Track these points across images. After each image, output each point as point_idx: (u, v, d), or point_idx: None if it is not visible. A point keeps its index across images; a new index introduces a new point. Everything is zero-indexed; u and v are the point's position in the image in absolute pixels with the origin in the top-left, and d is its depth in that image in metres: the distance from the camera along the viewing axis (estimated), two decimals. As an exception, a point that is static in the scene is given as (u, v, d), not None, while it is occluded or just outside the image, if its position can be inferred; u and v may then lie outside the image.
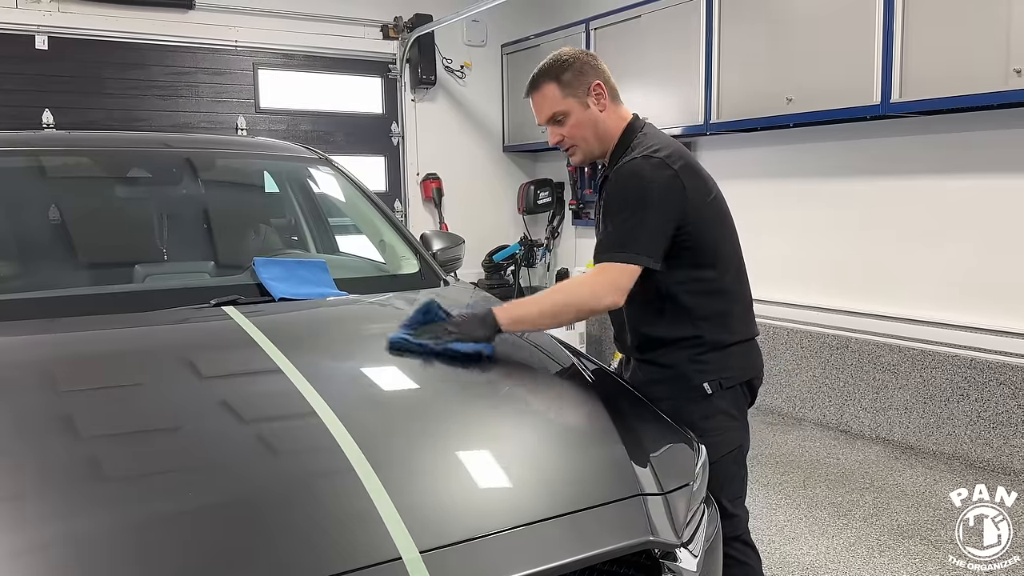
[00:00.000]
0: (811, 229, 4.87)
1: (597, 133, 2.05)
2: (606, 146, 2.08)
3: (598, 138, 2.06)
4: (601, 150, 2.09)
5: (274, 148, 3.35)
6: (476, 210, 7.04)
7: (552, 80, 2.02)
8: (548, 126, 2.08)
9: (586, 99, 2.02)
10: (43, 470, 1.38)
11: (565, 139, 2.06)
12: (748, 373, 2.12)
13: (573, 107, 2.02)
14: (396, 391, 1.85)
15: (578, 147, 2.07)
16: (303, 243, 3.11)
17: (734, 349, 2.08)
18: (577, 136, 2.05)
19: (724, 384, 2.04)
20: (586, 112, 2.02)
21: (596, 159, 2.12)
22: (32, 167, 2.72)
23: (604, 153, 2.09)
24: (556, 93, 2.02)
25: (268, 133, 6.16)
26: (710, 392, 2.03)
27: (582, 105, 2.02)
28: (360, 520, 1.29)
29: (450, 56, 6.84)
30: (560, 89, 2.02)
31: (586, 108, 2.02)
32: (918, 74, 3.88)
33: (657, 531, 1.46)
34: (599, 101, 2.03)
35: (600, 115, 2.04)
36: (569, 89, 2.01)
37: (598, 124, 2.04)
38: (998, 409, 3.92)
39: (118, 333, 2.07)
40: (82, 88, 5.58)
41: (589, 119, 2.03)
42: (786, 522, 3.44)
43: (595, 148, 2.08)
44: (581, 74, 2.02)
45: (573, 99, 2.02)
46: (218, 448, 1.50)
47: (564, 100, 2.02)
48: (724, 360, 2.06)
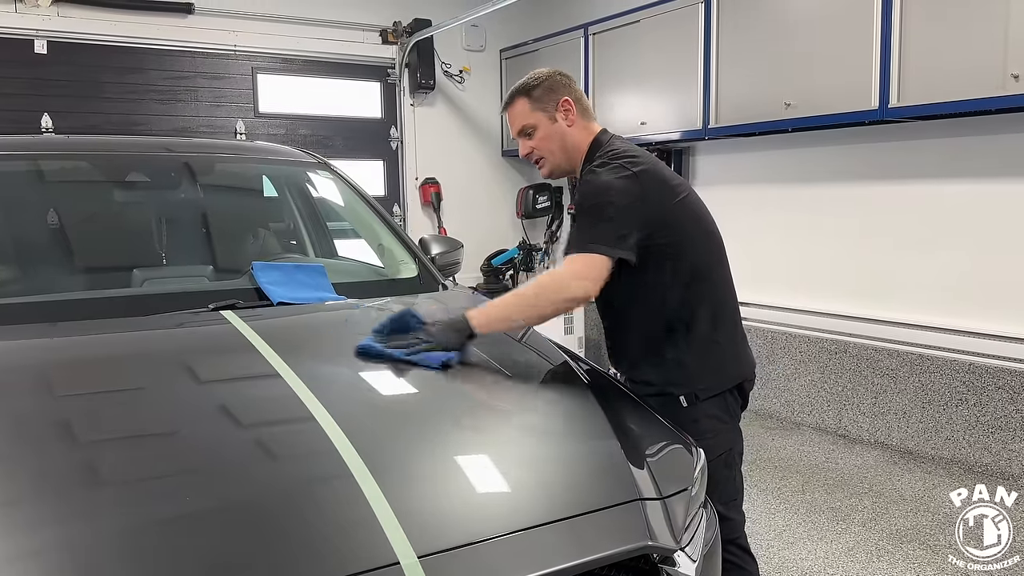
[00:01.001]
0: (809, 233, 4.88)
1: (564, 146, 2.14)
2: (574, 160, 2.16)
3: (564, 151, 2.15)
4: (568, 164, 2.17)
5: (273, 152, 3.35)
6: (475, 214, 7.04)
7: (523, 95, 2.14)
8: (519, 139, 2.20)
9: (554, 113, 2.12)
10: (41, 475, 1.38)
11: (533, 151, 2.17)
12: (730, 381, 2.12)
13: (541, 121, 2.13)
14: (394, 396, 1.85)
15: (546, 159, 2.17)
16: (302, 247, 3.11)
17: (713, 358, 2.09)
18: (544, 148, 2.15)
19: (700, 396, 2.06)
20: (553, 126, 2.13)
21: (565, 173, 2.21)
22: (31, 171, 2.72)
23: (572, 167, 2.17)
24: (526, 107, 2.14)
25: (267, 137, 6.16)
26: (685, 405, 2.05)
27: (550, 119, 2.12)
28: (358, 525, 1.29)
29: (449, 61, 6.85)
30: (530, 103, 2.13)
31: (553, 122, 2.12)
32: (916, 79, 3.88)
33: (656, 536, 1.46)
34: (567, 116, 2.12)
35: (568, 129, 2.13)
36: (538, 104, 2.12)
37: (565, 138, 2.13)
38: (996, 413, 3.92)
39: (116, 337, 2.07)
40: (81, 92, 5.59)
41: (556, 132, 2.13)
42: (785, 527, 3.44)
43: (562, 161, 2.16)
44: (551, 91, 2.12)
45: (542, 113, 2.12)
46: (216, 453, 1.50)
47: (532, 114, 2.13)
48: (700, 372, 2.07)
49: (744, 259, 5.40)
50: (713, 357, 2.09)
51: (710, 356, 2.09)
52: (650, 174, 2.01)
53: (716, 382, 2.09)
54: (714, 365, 2.09)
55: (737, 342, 2.18)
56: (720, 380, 2.10)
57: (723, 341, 2.12)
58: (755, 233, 5.15)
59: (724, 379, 2.11)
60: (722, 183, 5.48)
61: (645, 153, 2.10)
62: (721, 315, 2.12)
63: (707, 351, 2.08)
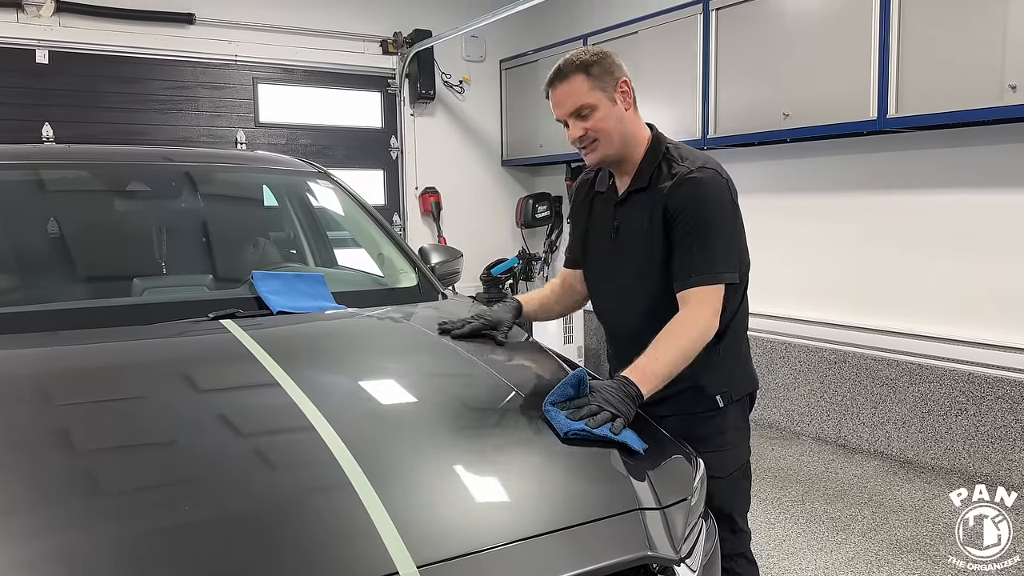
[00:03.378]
0: (808, 244, 4.89)
1: (622, 132, 1.96)
2: (629, 149, 1.99)
3: (622, 137, 1.97)
4: (621, 152, 1.99)
5: (273, 162, 3.36)
6: (475, 224, 7.05)
7: (581, 71, 1.92)
8: (570, 120, 1.96)
9: (613, 95, 1.94)
10: (40, 483, 1.38)
11: (588, 133, 1.94)
12: (752, 384, 2.16)
13: (601, 101, 1.92)
14: (394, 405, 1.85)
15: (600, 143, 1.96)
16: (302, 256, 3.11)
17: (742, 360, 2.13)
18: (601, 131, 1.94)
19: (734, 397, 2.06)
20: (613, 108, 1.94)
21: (614, 161, 2.02)
22: (32, 181, 2.73)
23: (624, 157, 2.00)
24: (584, 85, 1.92)
25: (267, 147, 6.17)
26: (722, 405, 2.03)
27: (610, 100, 1.93)
28: (357, 535, 1.29)
29: (449, 71, 6.88)
30: (589, 81, 1.92)
31: (613, 104, 1.94)
32: (914, 89, 3.90)
33: (655, 546, 1.46)
34: (625, 99, 1.96)
35: (626, 114, 1.96)
36: (598, 82, 1.92)
37: (624, 122, 1.96)
38: (996, 423, 3.92)
39: (116, 346, 2.07)
40: (82, 102, 5.60)
41: (615, 115, 1.94)
42: (784, 537, 3.43)
43: (619, 147, 1.98)
44: (609, 70, 1.93)
45: (601, 93, 1.92)
46: (215, 462, 1.50)
47: (592, 92, 1.92)
48: (734, 372, 2.08)
49: (743, 269, 5.41)
50: (740, 361, 2.12)
51: (739, 357, 2.11)
52: (732, 184, 2.00)
53: (745, 383, 2.11)
54: (743, 367, 2.12)
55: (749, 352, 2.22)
56: (747, 382, 2.12)
57: (746, 345, 2.16)
58: (754, 243, 5.11)
59: (749, 382, 2.13)
60: (721, 193, 5.49)
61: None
62: (745, 320, 2.16)
63: (737, 353, 2.10)
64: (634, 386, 1.75)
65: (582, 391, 1.77)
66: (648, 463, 1.68)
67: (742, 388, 2.09)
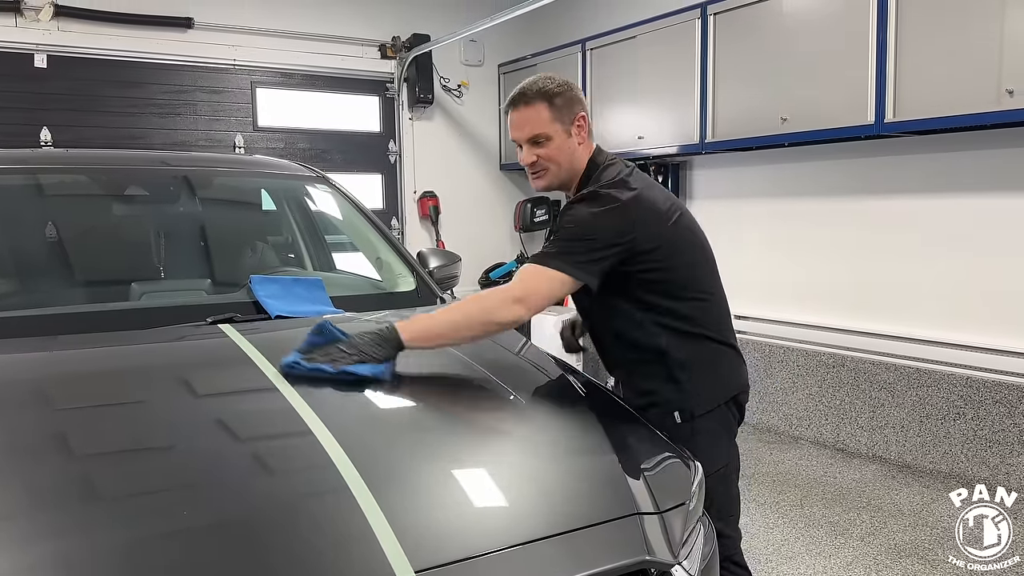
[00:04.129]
0: (806, 248, 4.89)
1: (571, 163, 2.06)
2: (571, 178, 2.09)
3: (569, 169, 2.07)
4: (566, 181, 2.09)
5: (271, 166, 3.36)
6: (473, 228, 7.05)
7: (545, 100, 2.00)
8: (525, 144, 2.05)
9: (570, 127, 2.03)
10: (38, 489, 1.38)
11: (540, 160, 2.04)
12: (724, 395, 2.11)
13: (557, 133, 2.02)
14: (392, 410, 1.85)
15: (548, 172, 2.06)
16: (300, 261, 3.11)
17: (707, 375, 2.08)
18: (553, 161, 2.04)
19: (696, 412, 2.05)
20: (567, 140, 2.03)
21: (559, 188, 2.13)
22: (30, 185, 2.73)
23: (567, 185, 2.11)
24: (546, 114, 2.01)
25: (266, 151, 6.17)
26: (680, 422, 2.04)
27: (566, 133, 2.03)
28: (355, 540, 1.29)
29: (447, 75, 6.89)
30: (550, 111, 2.00)
31: (568, 137, 2.03)
32: (912, 94, 3.91)
33: (653, 550, 1.46)
34: (579, 133, 2.05)
35: (577, 147, 2.06)
36: (559, 113, 2.01)
37: (573, 155, 2.06)
38: (994, 427, 3.92)
39: (114, 351, 2.07)
40: (80, 106, 5.60)
41: (568, 147, 2.04)
42: (783, 541, 3.43)
43: (564, 177, 2.08)
44: (571, 103, 2.03)
45: (559, 125, 2.02)
46: (213, 467, 1.49)
47: (551, 123, 2.01)
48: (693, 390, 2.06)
49: (741, 273, 5.43)
50: (707, 374, 2.09)
51: (704, 373, 2.08)
52: (640, 200, 1.98)
53: (710, 397, 2.08)
54: (708, 382, 2.09)
55: (730, 356, 2.16)
56: (714, 396, 2.09)
57: (715, 356, 2.11)
58: (752, 247, 5.16)
59: (718, 394, 2.11)
60: (719, 197, 5.50)
61: (637, 176, 2.06)
62: (715, 330, 2.11)
63: (701, 368, 2.07)
64: (395, 334, 1.86)
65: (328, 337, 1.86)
66: (646, 467, 1.68)
67: (707, 402, 2.07)
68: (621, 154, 4.68)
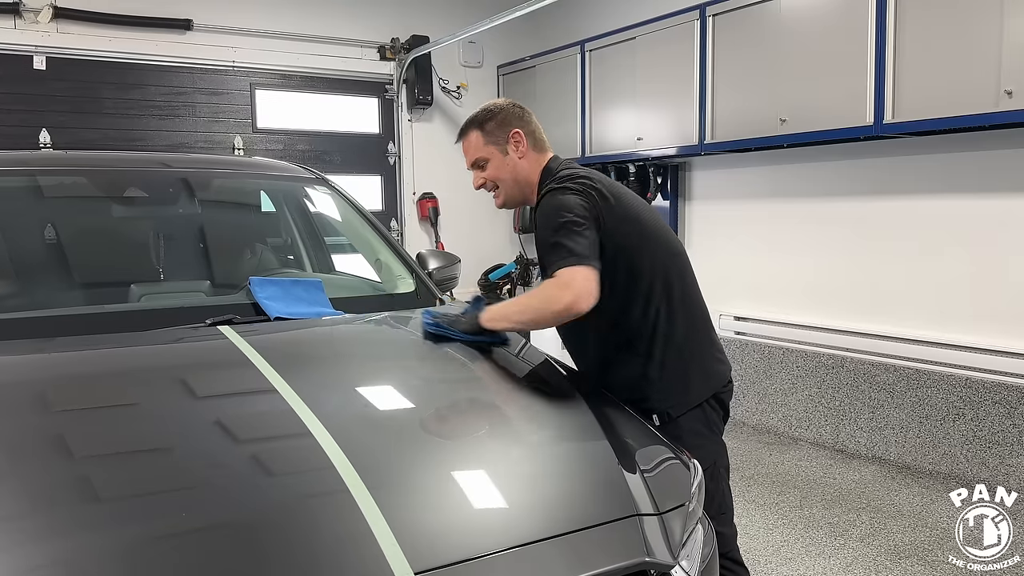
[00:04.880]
0: (805, 249, 4.89)
1: (516, 178, 2.20)
2: (526, 191, 2.22)
3: (516, 183, 2.21)
4: (521, 194, 2.23)
5: (271, 168, 3.36)
6: (472, 229, 7.05)
7: (476, 128, 2.22)
8: (472, 170, 2.27)
9: (506, 146, 2.19)
10: (37, 490, 1.38)
11: (487, 182, 2.24)
12: (702, 394, 2.12)
13: (493, 154, 2.20)
14: (391, 411, 1.85)
15: (500, 189, 2.24)
16: (299, 262, 3.11)
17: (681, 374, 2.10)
18: (496, 179, 2.22)
19: (673, 413, 2.07)
20: (505, 159, 2.19)
21: (519, 203, 2.28)
22: (29, 187, 2.72)
23: (525, 198, 2.24)
24: (479, 140, 2.21)
25: (265, 153, 6.18)
26: (658, 423, 2.06)
27: (501, 152, 2.19)
28: (355, 541, 1.28)
29: (447, 77, 6.89)
30: (483, 136, 2.20)
31: (505, 155, 2.19)
32: (911, 95, 3.91)
33: (653, 551, 1.46)
34: (518, 148, 2.19)
35: (519, 161, 2.19)
36: (491, 137, 2.19)
37: (517, 169, 2.20)
38: (994, 428, 3.92)
39: (113, 353, 2.07)
40: (80, 108, 5.60)
41: (507, 165, 2.20)
42: (783, 542, 3.43)
43: (514, 192, 2.23)
44: (503, 124, 2.19)
45: (494, 146, 2.19)
46: (212, 469, 1.49)
47: (485, 147, 2.20)
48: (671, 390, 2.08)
49: (740, 274, 5.44)
50: (681, 373, 2.10)
51: (677, 372, 2.10)
52: (598, 191, 2.05)
53: (687, 397, 2.10)
54: (683, 381, 2.11)
55: (707, 355, 2.18)
56: (691, 395, 2.11)
57: (691, 355, 2.13)
58: (751, 248, 5.17)
59: (695, 394, 2.12)
60: (718, 198, 5.51)
61: (593, 172, 2.15)
62: (687, 329, 2.13)
63: (674, 367, 2.10)
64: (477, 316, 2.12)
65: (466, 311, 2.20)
66: (646, 469, 1.68)
67: (687, 402, 2.10)
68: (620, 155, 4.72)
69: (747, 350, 5.07)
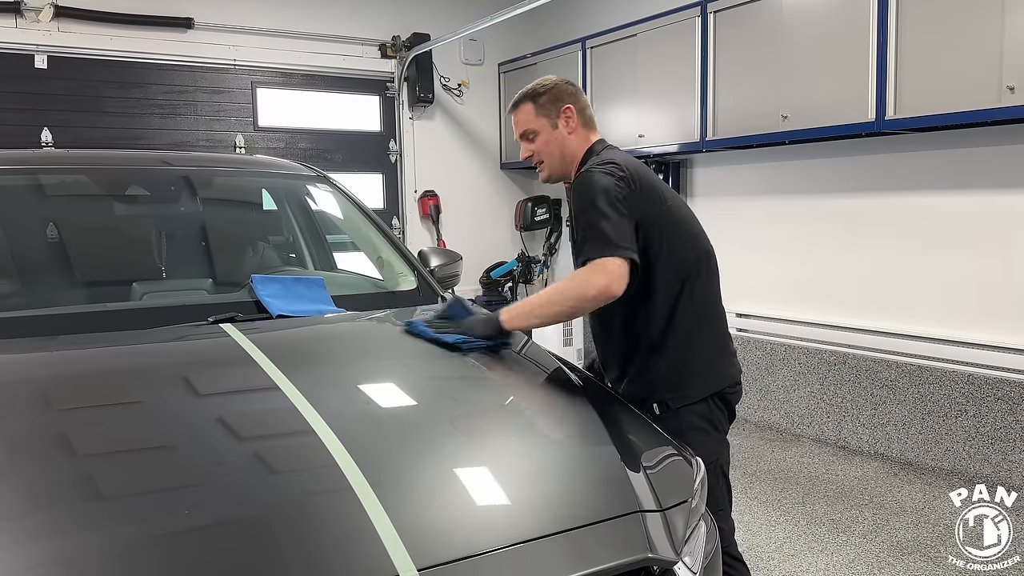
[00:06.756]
0: (807, 245, 4.89)
1: (563, 152, 2.22)
2: (568, 166, 2.23)
3: (563, 157, 2.23)
4: (563, 169, 2.25)
5: (272, 166, 3.36)
6: (474, 227, 7.06)
7: (530, 100, 2.23)
8: (521, 141, 2.28)
9: (556, 120, 2.21)
10: (39, 488, 1.38)
11: (534, 155, 2.26)
12: (705, 390, 2.13)
13: (543, 126, 2.21)
14: (394, 408, 1.85)
15: (545, 163, 2.25)
16: (301, 260, 3.11)
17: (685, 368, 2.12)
18: (544, 152, 2.23)
19: (672, 405, 2.08)
20: (554, 132, 2.21)
21: (561, 178, 2.28)
22: (31, 185, 2.73)
23: (567, 173, 2.24)
24: (531, 112, 2.22)
25: (266, 151, 6.18)
26: (658, 413, 2.08)
27: (552, 125, 2.21)
28: (358, 538, 1.29)
29: (448, 74, 6.89)
30: (535, 109, 2.22)
31: (555, 129, 2.21)
32: (912, 91, 3.90)
33: (656, 548, 1.46)
34: (568, 124, 2.21)
35: (568, 136, 2.21)
36: (543, 110, 2.21)
37: (564, 144, 2.22)
38: (996, 424, 3.92)
39: (115, 351, 2.07)
40: (81, 107, 5.61)
41: (556, 139, 2.21)
42: (785, 539, 3.43)
43: (559, 166, 2.25)
44: (556, 99, 2.21)
45: (545, 119, 2.21)
46: (216, 467, 1.50)
47: (536, 119, 2.22)
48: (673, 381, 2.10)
49: (742, 271, 5.43)
50: (686, 366, 2.12)
51: (683, 365, 2.12)
52: (636, 179, 2.07)
53: (688, 392, 2.11)
54: (687, 375, 2.12)
55: (715, 352, 2.19)
56: (693, 390, 2.12)
57: (699, 351, 2.14)
58: (753, 245, 5.16)
59: (698, 389, 2.12)
60: (720, 195, 5.50)
61: (635, 161, 2.17)
62: (701, 324, 2.14)
63: (681, 360, 2.11)
64: (496, 317, 2.12)
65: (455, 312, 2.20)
66: (648, 465, 1.68)
67: (690, 395, 2.11)
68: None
69: (749, 347, 5.06)
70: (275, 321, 2.27)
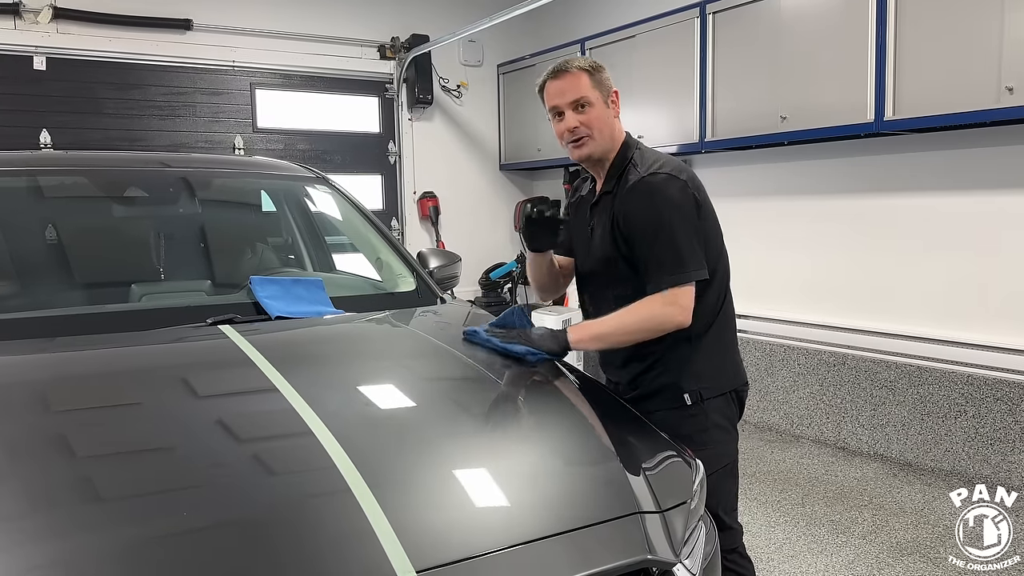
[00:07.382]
0: (807, 246, 4.89)
1: (611, 134, 2.14)
2: (609, 150, 2.15)
3: (611, 137, 2.14)
4: (604, 151, 2.14)
5: (271, 167, 3.36)
6: (473, 228, 7.06)
7: (586, 71, 2.11)
8: (568, 110, 2.10)
9: (607, 100, 2.14)
10: (38, 490, 1.38)
11: (582, 126, 2.10)
12: (732, 382, 2.16)
13: (598, 100, 2.11)
14: (393, 410, 1.85)
15: (591, 138, 2.11)
16: (300, 261, 3.11)
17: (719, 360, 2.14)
18: (594, 127, 2.10)
19: (705, 395, 2.08)
20: (606, 110, 2.13)
21: (599, 159, 2.16)
22: (29, 187, 2.72)
23: (606, 155, 2.15)
24: (587, 82, 2.10)
25: (265, 152, 6.18)
26: (689, 403, 2.07)
27: (604, 103, 2.13)
28: (357, 540, 1.29)
29: (447, 76, 6.89)
30: (591, 80, 2.11)
31: (607, 107, 2.13)
32: (911, 92, 3.91)
33: (655, 549, 1.46)
34: (615, 107, 2.16)
35: (615, 120, 2.16)
36: (600, 86, 2.12)
37: (613, 126, 2.15)
38: (995, 425, 3.92)
39: (114, 352, 2.07)
40: (80, 108, 5.60)
41: (608, 116, 2.13)
42: (785, 540, 3.42)
43: (605, 145, 2.14)
44: (607, 80, 2.16)
45: (600, 93, 2.12)
46: (214, 468, 1.49)
47: (592, 90, 2.10)
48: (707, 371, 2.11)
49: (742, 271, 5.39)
50: (717, 358, 2.14)
51: (714, 356, 2.13)
52: (693, 182, 2.09)
53: (720, 382, 2.12)
54: (718, 365, 2.13)
55: (735, 350, 2.23)
56: (723, 381, 2.13)
57: (727, 344, 2.18)
58: (752, 246, 5.16)
59: (727, 380, 2.14)
60: (719, 196, 5.44)
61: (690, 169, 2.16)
62: (727, 319, 2.17)
63: (712, 352, 2.12)
64: (564, 334, 2.09)
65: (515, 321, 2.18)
66: (648, 466, 1.68)
67: (719, 386, 2.12)
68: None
69: (748, 347, 5.06)
70: (274, 322, 2.27)
